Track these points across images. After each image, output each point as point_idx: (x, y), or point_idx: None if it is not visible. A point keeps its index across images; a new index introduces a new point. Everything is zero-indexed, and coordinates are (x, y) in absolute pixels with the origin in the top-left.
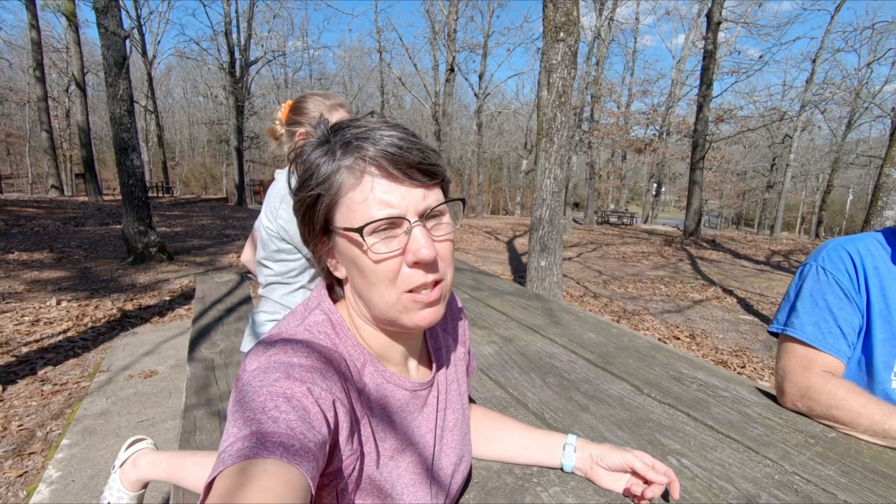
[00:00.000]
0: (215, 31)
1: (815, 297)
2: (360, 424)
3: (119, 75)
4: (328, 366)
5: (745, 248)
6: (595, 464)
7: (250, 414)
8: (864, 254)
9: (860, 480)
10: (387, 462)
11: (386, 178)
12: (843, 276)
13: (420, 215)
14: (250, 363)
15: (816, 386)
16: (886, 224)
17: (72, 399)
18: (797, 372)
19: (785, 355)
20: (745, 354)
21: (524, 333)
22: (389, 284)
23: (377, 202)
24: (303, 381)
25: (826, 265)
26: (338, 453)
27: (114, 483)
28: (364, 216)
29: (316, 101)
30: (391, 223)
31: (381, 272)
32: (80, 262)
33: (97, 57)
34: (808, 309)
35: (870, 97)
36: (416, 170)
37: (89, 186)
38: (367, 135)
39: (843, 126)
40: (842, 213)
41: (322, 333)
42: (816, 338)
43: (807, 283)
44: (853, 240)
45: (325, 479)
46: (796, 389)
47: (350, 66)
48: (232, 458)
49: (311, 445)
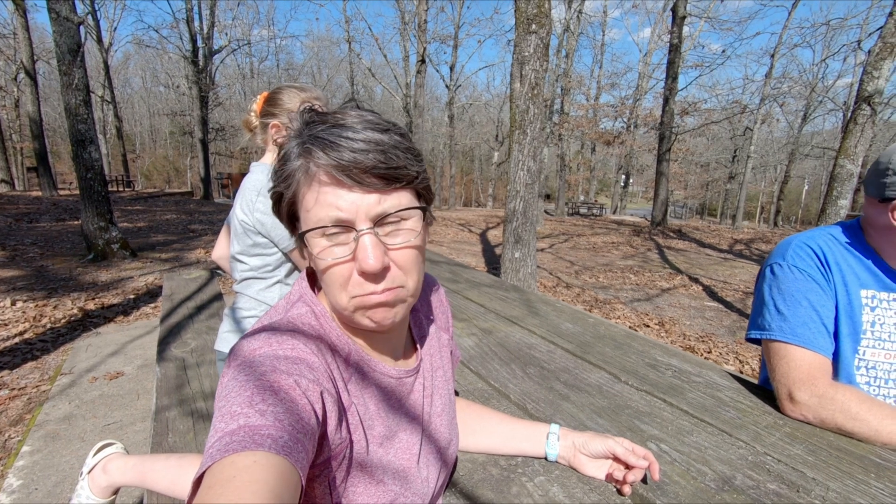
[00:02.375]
0: (176, 18)
1: (798, 297)
2: (348, 413)
3: (73, 63)
4: (314, 357)
5: (710, 237)
6: (578, 451)
7: (237, 408)
8: (825, 249)
9: (826, 458)
10: (376, 449)
11: (334, 184)
12: (815, 272)
13: (373, 221)
14: (236, 358)
15: (828, 395)
16: (841, 213)
17: (31, 404)
18: (804, 379)
19: (782, 362)
20: (711, 340)
21: (503, 325)
22: (340, 289)
23: (327, 206)
24: (289, 374)
25: (798, 263)
26: (327, 443)
27: (82, 490)
28: (314, 219)
29: (291, 94)
30: (342, 228)
31: (331, 276)
32: (36, 261)
33: (48, 44)
34: (793, 310)
35: (824, 91)
36: (370, 175)
37: (43, 181)
38: (326, 136)
39: (800, 119)
40: (798, 202)
41: (306, 325)
42: (809, 340)
43: (784, 283)
44: (812, 236)
45: (315, 470)
46: (809, 398)
47: (319, 57)
48: (220, 453)
49: (300, 437)
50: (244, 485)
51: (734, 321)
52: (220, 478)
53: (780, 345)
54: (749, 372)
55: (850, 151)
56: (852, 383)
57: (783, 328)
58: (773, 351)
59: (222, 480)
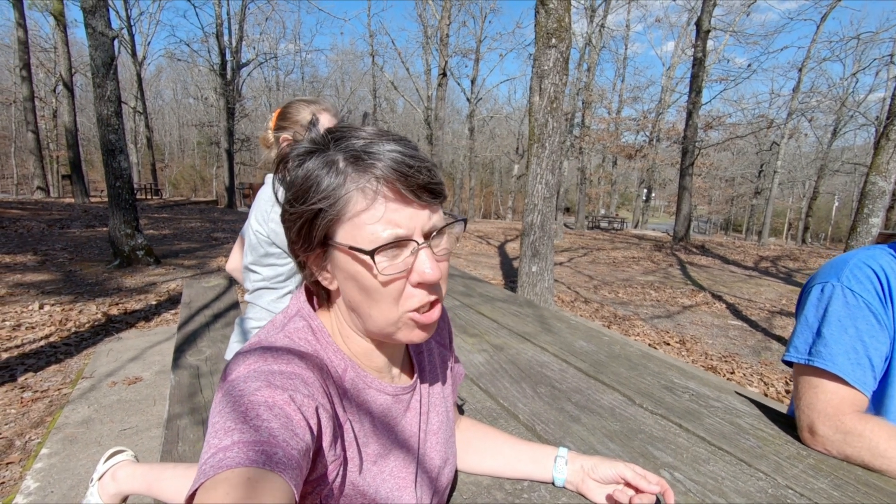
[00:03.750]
0: (206, 33)
1: (844, 324)
2: (343, 430)
3: (107, 76)
4: (310, 372)
5: (734, 253)
6: (587, 476)
7: (231, 424)
8: (888, 271)
9: (853, 494)
10: (370, 467)
11: (396, 199)
12: (872, 297)
13: (426, 236)
14: (231, 373)
15: (855, 431)
16: (873, 231)
17: (53, 407)
18: (829, 413)
19: (811, 390)
20: (734, 360)
21: (515, 341)
22: (392, 303)
23: (385, 222)
24: (284, 389)
25: (853, 285)
26: (321, 460)
27: (92, 497)
28: (372, 237)
29: (299, 107)
30: (398, 244)
31: (386, 292)
32: (65, 265)
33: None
34: (836, 337)
35: (855, 106)
36: (424, 190)
37: (76, 188)
38: (373, 149)
39: (829, 134)
40: (827, 219)
41: (303, 340)
42: (847, 371)
43: (832, 306)
44: (874, 255)
45: (308, 487)
46: (832, 434)
47: (342, 70)
48: (213, 469)
49: (294, 453)
50: (237, 502)
51: (759, 341)
52: (213, 494)
53: (814, 371)
54: (774, 395)
55: (881, 168)
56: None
57: (821, 353)
58: (805, 377)
59: (215, 497)
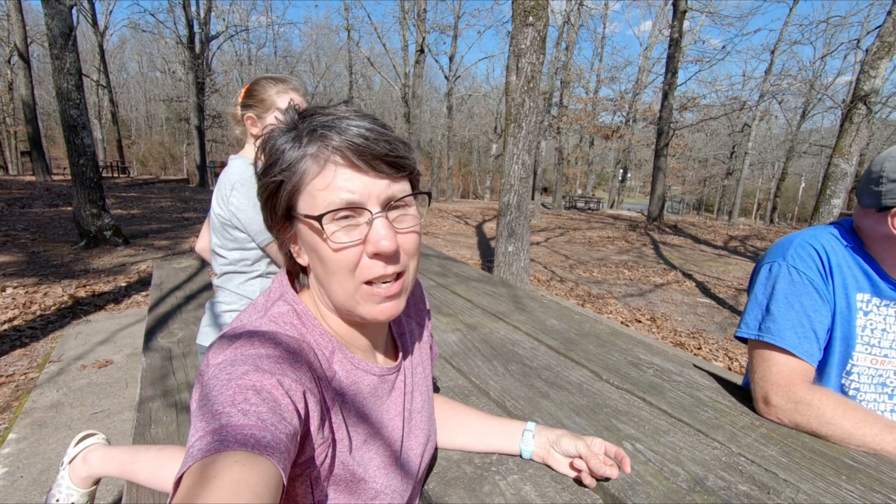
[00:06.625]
0: (172, 3)
1: (790, 300)
2: (332, 412)
3: (65, 47)
4: (297, 356)
5: (705, 233)
6: (551, 448)
7: (219, 408)
8: (828, 249)
9: (799, 460)
10: (359, 447)
11: (349, 167)
12: (815, 274)
13: (383, 206)
14: (214, 356)
15: (805, 400)
16: (834, 212)
17: (19, 391)
18: (781, 384)
19: (763, 363)
20: (702, 336)
21: (488, 321)
22: (348, 274)
23: (339, 190)
24: (272, 373)
25: (797, 264)
26: (309, 443)
27: (63, 480)
28: (324, 204)
29: (266, 85)
30: (352, 212)
31: (340, 261)
32: (28, 246)
33: (42, 26)
34: (783, 312)
35: (823, 89)
36: (381, 161)
37: (36, 165)
38: (335, 123)
39: (798, 116)
40: (794, 199)
41: (288, 324)
42: (795, 344)
43: (779, 284)
44: (817, 235)
45: (297, 469)
46: (784, 403)
47: (317, 44)
48: (202, 453)
49: (282, 437)
50: (225, 485)
51: (725, 318)
52: (200, 478)
53: (765, 346)
54: (737, 369)
55: (844, 150)
56: (838, 388)
57: (770, 329)
58: (757, 352)
59: (203, 480)
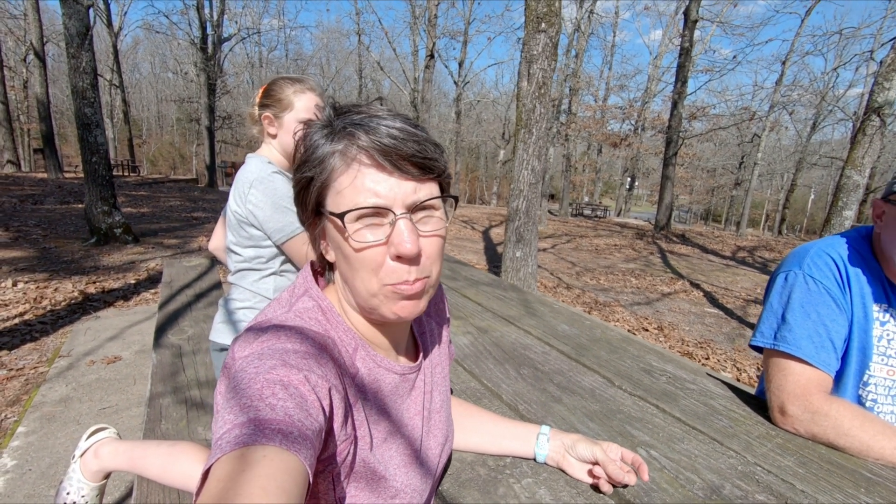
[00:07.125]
0: (186, 5)
1: (807, 309)
2: (354, 409)
3: (82, 46)
4: (322, 352)
5: (713, 243)
6: (567, 452)
7: (247, 401)
8: (845, 259)
9: (816, 471)
10: (380, 445)
11: (375, 167)
12: (832, 283)
13: (408, 208)
14: (241, 349)
15: (822, 410)
16: (846, 223)
17: (29, 385)
18: (798, 394)
19: (779, 373)
20: (710, 346)
21: (499, 324)
22: (371, 273)
23: (364, 190)
24: (299, 369)
25: (814, 273)
26: (332, 439)
27: (74, 473)
28: (349, 202)
29: (283, 85)
30: (377, 212)
31: (362, 260)
32: (39, 242)
33: (58, 26)
34: (800, 322)
35: (834, 100)
36: (408, 162)
37: (49, 162)
38: (365, 122)
39: (808, 127)
40: (803, 211)
41: (313, 319)
42: (811, 354)
43: (795, 293)
44: (833, 244)
45: (320, 466)
46: (801, 413)
47: (328, 48)
48: (230, 445)
49: (308, 433)
50: (253, 479)
51: (734, 328)
52: (229, 470)
53: (781, 355)
54: (746, 380)
55: (857, 162)
56: (855, 398)
57: (787, 338)
58: (773, 361)
59: (232, 473)
